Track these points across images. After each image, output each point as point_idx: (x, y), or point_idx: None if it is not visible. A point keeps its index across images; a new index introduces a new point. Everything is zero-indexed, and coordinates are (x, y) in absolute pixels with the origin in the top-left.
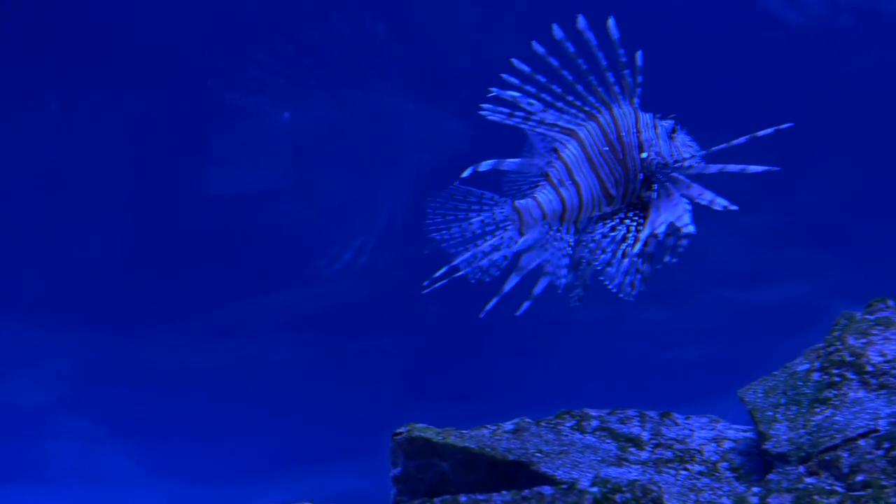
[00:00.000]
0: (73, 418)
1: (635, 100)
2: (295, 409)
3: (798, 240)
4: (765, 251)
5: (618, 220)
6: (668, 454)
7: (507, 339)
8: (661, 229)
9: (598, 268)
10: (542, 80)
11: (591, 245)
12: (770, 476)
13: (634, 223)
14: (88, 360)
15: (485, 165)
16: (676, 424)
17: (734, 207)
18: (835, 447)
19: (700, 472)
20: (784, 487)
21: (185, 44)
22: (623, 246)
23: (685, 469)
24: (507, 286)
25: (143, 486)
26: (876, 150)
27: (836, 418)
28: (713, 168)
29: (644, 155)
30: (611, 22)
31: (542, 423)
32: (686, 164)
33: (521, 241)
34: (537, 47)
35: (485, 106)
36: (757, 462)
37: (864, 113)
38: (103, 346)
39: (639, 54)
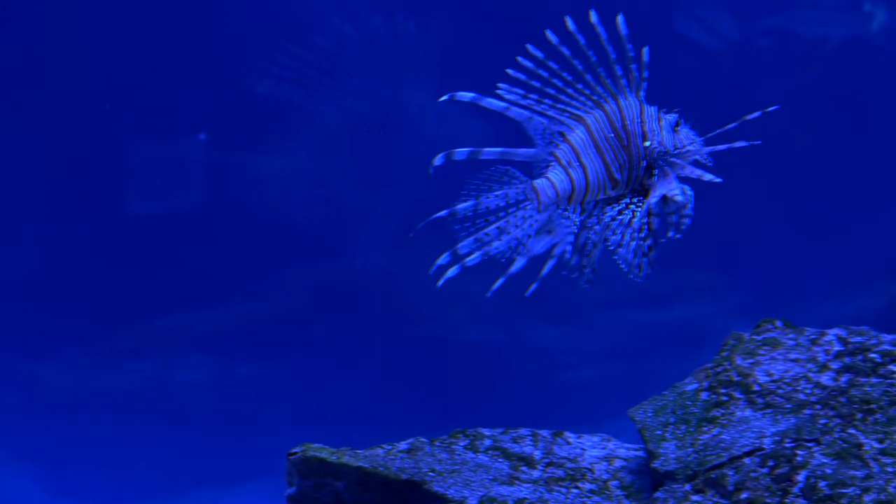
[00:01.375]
0: None
1: (640, 93)
2: (198, 430)
3: (696, 262)
4: (663, 272)
5: (623, 205)
6: (560, 473)
7: (404, 359)
8: (653, 201)
9: (611, 248)
10: (555, 66)
11: (598, 227)
12: (657, 494)
13: (639, 209)
14: None
15: (459, 154)
16: (568, 443)
17: (718, 180)
18: (721, 465)
19: (591, 491)
20: None
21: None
22: (629, 229)
23: (576, 487)
24: (514, 268)
25: None
26: (777, 174)
27: (723, 437)
28: (705, 149)
29: (647, 143)
30: (620, 19)
31: (436, 443)
32: (685, 150)
33: (538, 220)
34: (551, 36)
35: (501, 85)
36: (647, 480)
37: (769, 137)
38: (6, 369)
39: (645, 50)
